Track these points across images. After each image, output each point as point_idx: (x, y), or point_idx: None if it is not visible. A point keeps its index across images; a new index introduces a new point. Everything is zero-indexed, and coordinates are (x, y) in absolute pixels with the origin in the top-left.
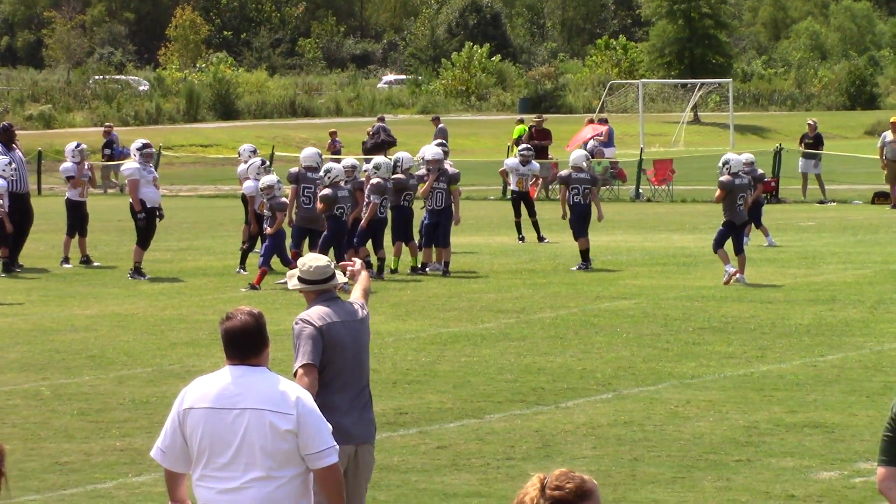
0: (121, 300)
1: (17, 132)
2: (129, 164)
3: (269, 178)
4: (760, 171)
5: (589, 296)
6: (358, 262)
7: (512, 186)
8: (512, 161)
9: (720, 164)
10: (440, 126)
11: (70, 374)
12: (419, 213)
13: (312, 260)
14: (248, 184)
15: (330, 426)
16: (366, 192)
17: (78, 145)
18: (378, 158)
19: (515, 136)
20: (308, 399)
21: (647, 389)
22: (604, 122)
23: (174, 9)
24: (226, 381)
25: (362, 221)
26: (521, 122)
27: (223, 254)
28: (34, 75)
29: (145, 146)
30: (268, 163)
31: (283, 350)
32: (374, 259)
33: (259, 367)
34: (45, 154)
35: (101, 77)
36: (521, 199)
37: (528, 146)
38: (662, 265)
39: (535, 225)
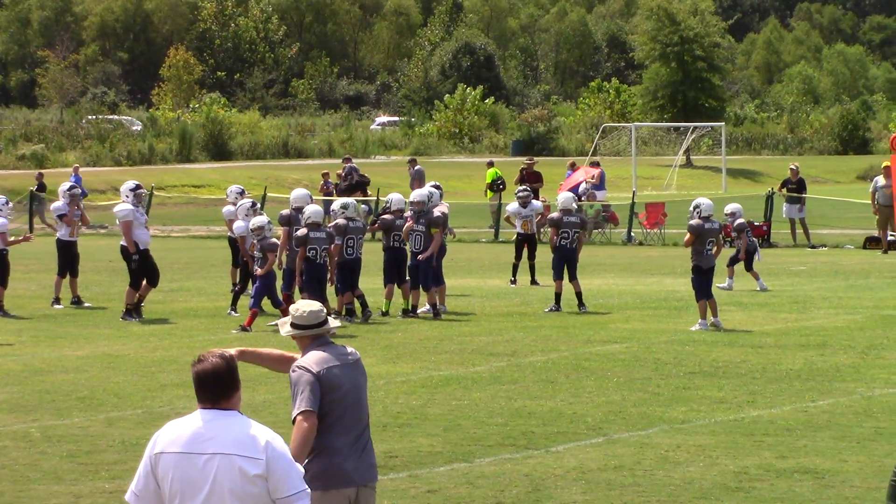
0: (111, 341)
1: (8, 172)
2: (124, 206)
3: (259, 219)
4: (742, 220)
5: (580, 339)
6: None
7: (517, 229)
8: (513, 206)
9: (691, 208)
10: (417, 168)
11: (60, 415)
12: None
13: (305, 305)
14: (239, 224)
15: (301, 470)
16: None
17: (71, 187)
18: (346, 199)
19: (489, 179)
20: (279, 443)
21: (637, 434)
22: (596, 164)
23: (168, 49)
24: (197, 426)
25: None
26: (492, 164)
27: (214, 295)
28: (27, 114)
29: (138, 187)
30: (258, 204)
31: (272, 392)
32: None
33: (230, 412)
34: (36, 194)
35: (95, 117)
36: (526, 242)
37: (525, 188)
38: (654, 309)
39: (532, 268)
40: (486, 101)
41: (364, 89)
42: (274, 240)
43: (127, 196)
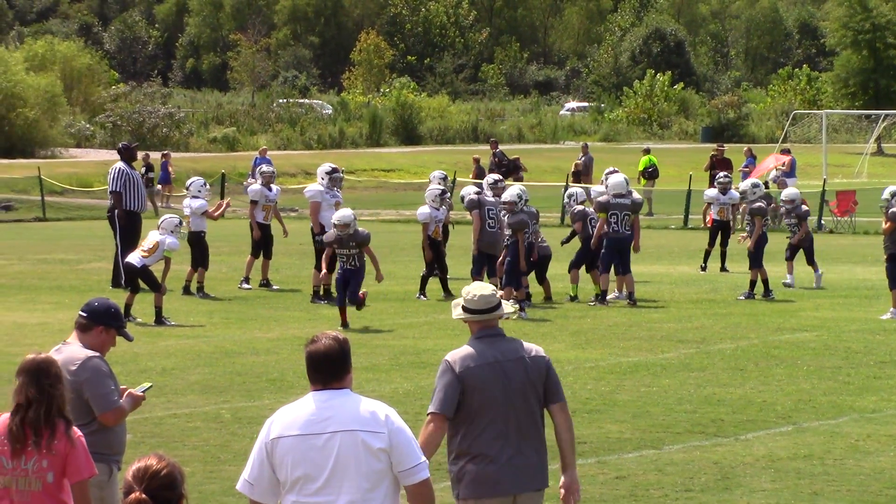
0: (302, 324)
1: (200, 154)
2: (313, 186)
3: (342, 214)
4: (805, 207)
5: (770, 327)
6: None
7: (713, 216)
8: (712, 192)
9: (887, 196)
10: (588, 154)
11: (251, 397)
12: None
13: (477, 289)
14: (423, 209)
15: (417, 442)
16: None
17: (260, 168)
18: (517, 188)
19: (641, 167)
20: (396, 416)
21: (827, 423)
22: (787, 152)
23: (359, 33)
24: (312, 407)
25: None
26: (648, 151)
27: (404, 279)
28: (219, 98)
29: (334, 170)
30: (448, 193)
31: None
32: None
33: (343, 390)
34: (228, 177)
35: (285, 100)
36: (721, 229)
37: (727, 174)
38: (844, 297)
39: (724, 255)
40: (676, 86)
41: (554, 74)
42: (366, 232)
43: (322, 178)
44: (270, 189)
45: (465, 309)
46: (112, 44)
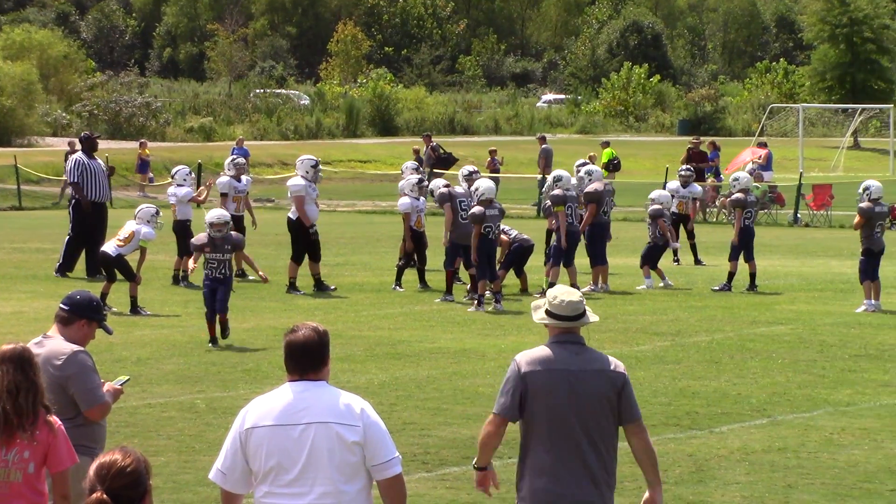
0: (277, 314)
1: (176, 144)
2: (297, 181)
3: (220, 213)
4: (658, 207)
5: (745, 320)
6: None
7: (672, 209)
8: (672, 184)
9: (860, 190)
10: (544, 146)
11: (225, 387)
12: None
13: (564, 294)
14: (403, 200)
15: (390, 437)
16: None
17: (233, 159)
18: (488, 182)
19: (604, 160)
20: (371, 410)
21: (801, 416)
22: (763, 145)
23: (336, 24)
24: (288, 398)
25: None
26: (607, 144)
27: (380, 270)
28: (196, 87)
29: (318, 164)
30: (426, 181)
31: (436, 368)
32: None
33: (319, 382)
34: (204, 166)
35: (262, 91)
36: (681, 222)
37: (689, 167)
38: (819, 291)
39: (693, 248)
40: (652, 79)
41: (531, 67)
42: (241, 235)
43: (307, 172)
44: (240, 180)
45: (548, 313)
46: (89, 33)
